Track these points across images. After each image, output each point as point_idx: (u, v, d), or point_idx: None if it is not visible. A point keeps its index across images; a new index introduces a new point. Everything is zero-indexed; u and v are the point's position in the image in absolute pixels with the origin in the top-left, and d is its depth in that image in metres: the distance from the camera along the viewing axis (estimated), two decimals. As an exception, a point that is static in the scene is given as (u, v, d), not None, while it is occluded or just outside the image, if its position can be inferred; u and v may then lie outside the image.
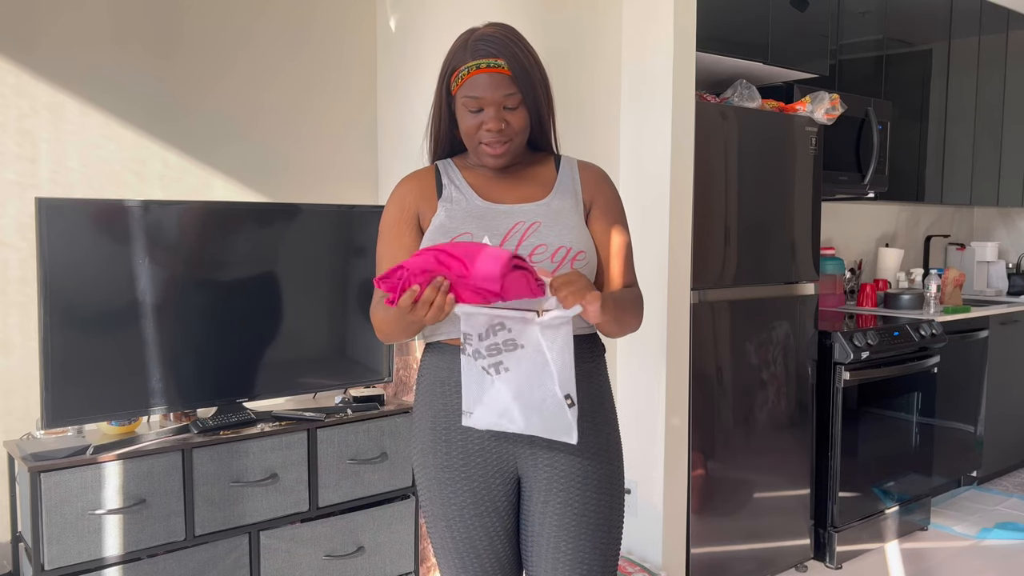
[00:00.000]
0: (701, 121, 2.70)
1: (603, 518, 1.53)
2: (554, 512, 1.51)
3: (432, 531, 1.61)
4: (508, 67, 1.45)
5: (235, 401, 2.52)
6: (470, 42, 1.49)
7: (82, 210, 2.23)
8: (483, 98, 1.46)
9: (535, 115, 1.52)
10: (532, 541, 1.55)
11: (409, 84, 3.27)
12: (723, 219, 2.84)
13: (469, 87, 1.46)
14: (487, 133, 1.48)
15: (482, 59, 1.45)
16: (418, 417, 1.59)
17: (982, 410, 4.14)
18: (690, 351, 2.74)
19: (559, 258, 1.47)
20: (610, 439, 1.57)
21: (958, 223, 5.35)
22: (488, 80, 1.45)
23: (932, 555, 3.39)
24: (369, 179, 3.44)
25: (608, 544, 1.55)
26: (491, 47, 1.46)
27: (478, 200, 1.54)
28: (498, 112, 1.47)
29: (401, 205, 1.57)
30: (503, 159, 1.51)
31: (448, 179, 1.58)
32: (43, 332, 2.16)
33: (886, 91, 3.98)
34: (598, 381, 1.58)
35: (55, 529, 2.09)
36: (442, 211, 1.53)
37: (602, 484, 1.53)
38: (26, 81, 2.63)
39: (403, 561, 2.72)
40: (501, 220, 1.51)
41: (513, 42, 1.48)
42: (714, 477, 2.87)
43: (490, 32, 1.49)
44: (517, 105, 1.48)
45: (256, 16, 3.09)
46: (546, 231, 1.49)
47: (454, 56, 1.51)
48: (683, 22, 2.60)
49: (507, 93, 1.46)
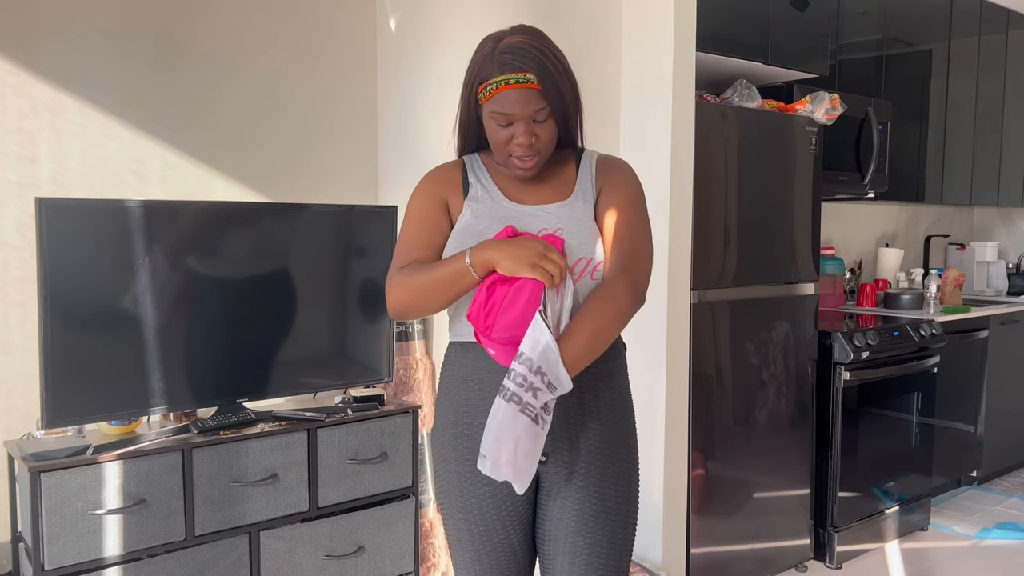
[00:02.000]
0: (701, 121, 2.70)
1: (620, 514, 1.55)
2: (572, 507, 1.53)
3: (448, 524, 1.63)
4: (537, 81, 1.43)
5: (235, 401, 2.51)
6: (497, 53, 1.45)
7: (82, 210, 2.23)
8: (513, 114, 1.45)
9: (562, 123, 1.52)
10: (549, 535, 1.57)
11: (409, 84, 3.27)
12: (723, 219, 2.84)
13: (498, 103, 1.45)
14: (518, 147, 1.47)
15: (511, 74, 1.43)
16: (440, 411, 1.61)
17: (982, 410, 4.14)
18: (690, 351, 2.74)
19: (579, 269, 1.48)
20: (628, 436, 1.59)
21: (958, 223, 5.35)
22: (518, 96, 1.43)
23: (932, 555, 3.39)
24: (369, 179, 3.44)
25: (624, 540, 1.56)
26: (519, 61, 1.43)
27: (504, 201, 1.55)
28: (528, 127, 1.46)
29: (430, 192, 1.58)
30: (533, 171, 1.52)
31: (475, 176, 1.58)
32: (43, 332, 2.16)
33: (886, 91, 3.98)
34: (619, 379, 1.58)
35: (55, 529, 2.09)
36: (468, 211, 1.54)
37: (620, 480, 1.55)
38: (26, 81, 2.63)
39: (403, 561, 2.72)
40: (527, 224, 1.51)
41: (542, 52, 1.45)
42: (714, 477, 2.87)
43: (517, 43, 1.45)
44: (546, 118, 1.47)
45: (256, 16, 3.09)
46: (568, 239, 1.49)
47: (481, 67, 1.47)
48: (683, 22, 2.60)
49: (537, 108, 1.45)
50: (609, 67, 2.75)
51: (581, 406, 1.52)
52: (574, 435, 1.52)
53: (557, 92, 1.46)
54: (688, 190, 2.66)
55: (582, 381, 1.48)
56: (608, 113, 2.76)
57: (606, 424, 1.53)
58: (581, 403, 1.51)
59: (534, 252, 1.36)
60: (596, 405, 1.53)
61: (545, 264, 1.36)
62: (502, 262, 1.37)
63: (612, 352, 1.57)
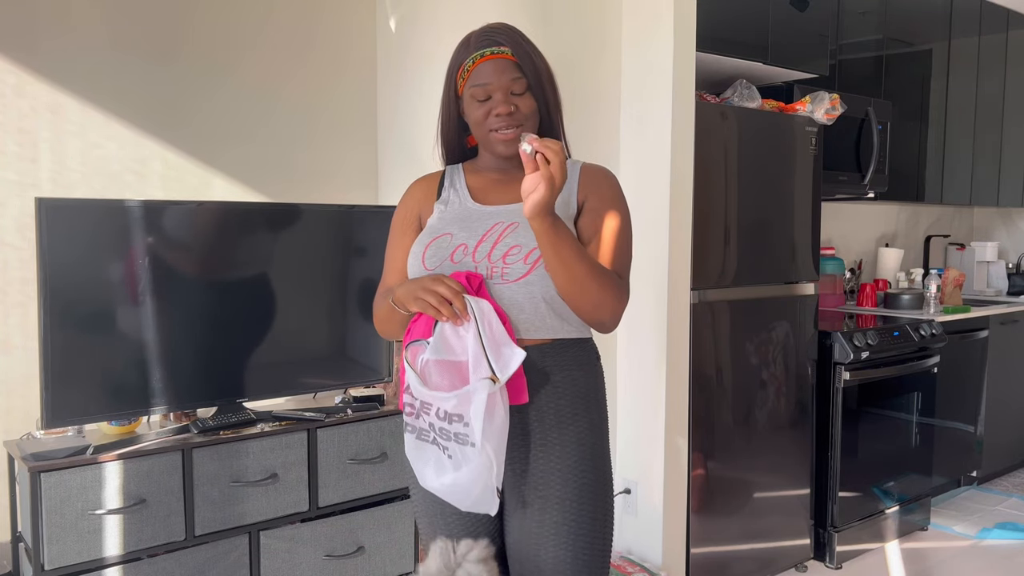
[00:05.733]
0: (701, 121, 2.70)
1: (585, 529, 1.48)
2: (533, 520, 1.47)
3: (422, 531, 1.63)
4: (512, 53, 1.48)
5: (235, 401, 2.52)
6: (472, 38, 1.52)
7: (82, 210, 2.23)
8: (490, 84, 1.47)
9: (542, 104, 1.53)
10: (512, 548, 1.52)
11: (409, 84, 3.27)
12: (723, 219, 2.84)
13: (475, 76, 1.48)
14: (496, 119, 1.48)
15: (486, 48, 1.48)
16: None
17: (982, 410, 4.14)
18: (690, 351, 2.74)
19: (532, 260, 1.43)
20: (597, 447, 1.51)
21: (958, 223, 5.35)
22: (493, 66, 1.47)
23: (932, 555, 3.39)
24: (369, 179, 3.44)
25: (592, 556, 1.49)
26: (494, 36, 1.50)
27: (469, 202, 1.55)
28: (506, 96, 1.47)
29: (406, 208, 1.62)
30: (515, 144, 1.49)
31: (450, 181, 1.60)
32: (43, 332, 2.16)
33: (886, 91, 3.98)
34: (584, 386, 1.52)
35: (55, 529, 2.09)
36: (436, 213, 1.56)
37: (583, 495, 1.47)
38: (26, 81, 2.63)
39: (403, 561, 2.72)
40: (482, 222, 1.51)
41: (515, 31, 1.52)
42: (714, 477, 2.87)
43: (491, 25, 1.53)
44: (524, 90, 1.49)
45: (256, 17, 3.09)
46: (523, 232, 1.46)
47: (458, 54, 1.53)
48: (683, 22, 2.60)
49: (513, 77, 1.47)
50: (609, 67, 2.75)
51: (540, 416, 1.47)
52: (533, 445, 1.47)
53: (533, 65, 1.50)
54: (688, 190, 2.66)
55: (546, 385, 1.46)
56: (608, 113, 2.76)
57: (568, 434, 1.47)
58: (540, 412, 1.46)
59: (418, 286, 1.41)
60: (556, 414, 1.47)
61: (426, 296, 1.38)
62: (400, 297, 1.45)
63: (581, 354, 1.52)
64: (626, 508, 2.81)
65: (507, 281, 1.43)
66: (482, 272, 1.44)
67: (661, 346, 2.66)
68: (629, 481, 2.80)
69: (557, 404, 1.47)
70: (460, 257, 1.47)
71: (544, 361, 1.46)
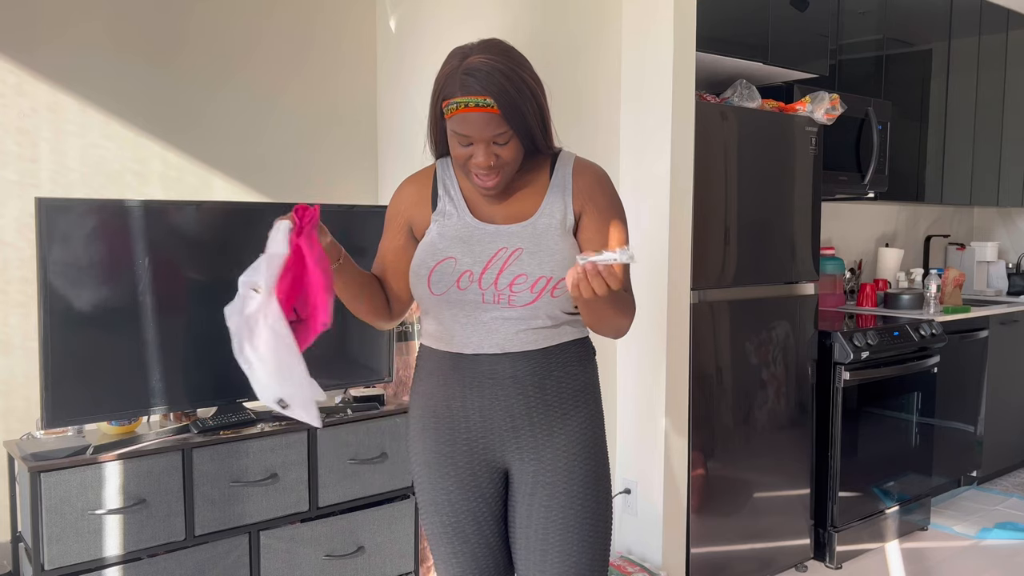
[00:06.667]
0: (701, 121, 2.70)
1: (590, 512, 1.55)
2: (541, 504, 1.54)
3: (424, 518, 1.66)
4: (496, 105, 1.39)
5: (235, 401, 2.51)
6: (459, 73, 1.41)
7: (82, 210, 2.23)
8: (472, 136, 1.42)
9: (527, 140, 1.48)
10: (520, 533, 1.58)
11: (409, 84, 3.27)
12: (723, 219, 2.84)
13: (458, 123, 1.42)
14: (476, 167, 1.45)
15: (470, 96, 1.40)
16: (411, 406, 1.66)
17: (982, 410, 4.14)
18: (690, 351, 2.74)
19: (539, 289, 1.48)
20: (596, 435, 1.59)
21: (958, 223, 5.35)
22: (476, 120, 1.40)
23: (932, 555, 3.39)
24: (369, 179, 3.44)
25: (596, 539, 1.56)
26: (479, 84, 1.39)
27: (469, 217, 1.54)
28: (488, 148, 1.43)
29: (396, 209, 1.64)
30: (495, 190, 1.50)
31: (444, 189, 1.58)
32: (43, 332, 2.16)
33: (886, 91, 3.98)
34: (585, 378, 1.59)
35: (55, 529, 2.09)
36: (434, 227, 1.56)
37: (588, 481, 1.55)
38: (26, 81, 2.63)
39: (403, 561, 2.72)
40: (485, 245, 1.51)
41: (502, 73, 1.40)
42: (714, 477, 2.87)
43: (479, 64, 1.40)
44: (508, 140, 1.44)
45: (256, 17, 3.09)
46: (527, 259, 1.48)
47: (446, 83, 1.44)
48: (683, 22, 2.61)
49: (497, 132, 1.42)
50: (609, 67, 2.75)
51: (546, 406, 1.53)
52: (541, 433, 1.53)
53: (518, 114, 1.42)
54: (688, 190, 2.66)
55: (548, 379, 1.53)
56: (608, 113, 2.76)
57: (572, 423, 1.55)
58: (545, 403, 1.53)
59: None
60: (560, 404, 1.54)
61: None
62: None
63: (581, 351, 1.59)
64: (626, 508, 2.81)
65: (514, 306, 1.49)
66: (489, 300, 1.49)
67: (661, 346, 2.66)
68: (629, 481, 2.80)
69: (560, 396, 1.54)
70: (466, 284, 1.50)
71: (548, 360, 1.53)
